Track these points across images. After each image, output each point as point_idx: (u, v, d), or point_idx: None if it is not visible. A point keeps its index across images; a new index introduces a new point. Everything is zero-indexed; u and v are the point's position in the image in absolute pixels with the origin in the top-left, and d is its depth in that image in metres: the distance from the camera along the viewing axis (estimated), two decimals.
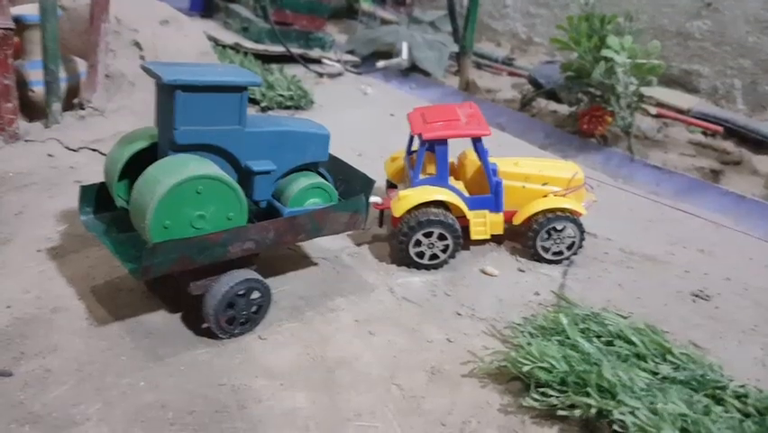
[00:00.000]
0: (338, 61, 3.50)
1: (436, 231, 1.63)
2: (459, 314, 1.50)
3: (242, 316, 1.33)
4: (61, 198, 1.72)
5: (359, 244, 1.75)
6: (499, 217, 1.73)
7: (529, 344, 1.31)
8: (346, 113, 2.77)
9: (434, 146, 1.66)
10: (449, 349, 1.38)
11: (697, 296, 1.67)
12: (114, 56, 2.03)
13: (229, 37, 3.41)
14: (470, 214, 1.70)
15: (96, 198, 1.45)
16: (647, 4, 3.59)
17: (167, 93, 1.28)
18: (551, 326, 1.39)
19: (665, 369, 1.28)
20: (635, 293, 1.66)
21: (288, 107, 2.67)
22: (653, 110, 2.95)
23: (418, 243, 1.64)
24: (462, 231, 1.67)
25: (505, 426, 1.18)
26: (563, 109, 3.12)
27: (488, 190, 1.72)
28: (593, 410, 1.16)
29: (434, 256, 1.66)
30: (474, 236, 1.71)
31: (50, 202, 1.70)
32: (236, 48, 3.21)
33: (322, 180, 1.49)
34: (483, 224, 1.72)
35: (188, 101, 1.26)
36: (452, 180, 1.71)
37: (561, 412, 1.18)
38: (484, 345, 1.39)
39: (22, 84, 1.96)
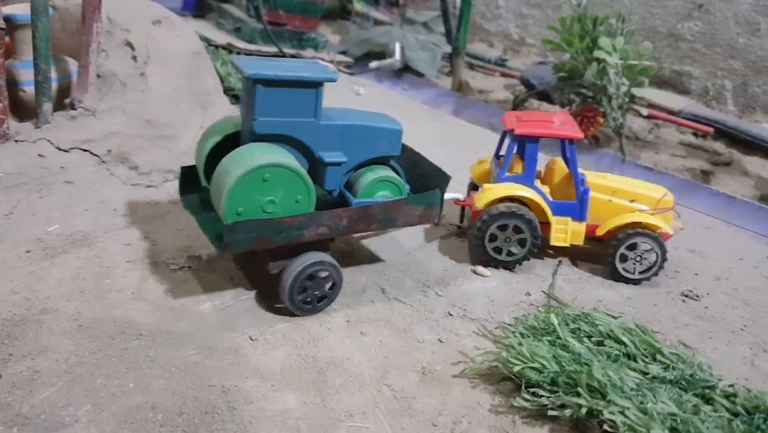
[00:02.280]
0: (331, 62, 3.50)
1: (513, 224, 1.63)
2: (450, 314, 1.50)
3: (315, 295, 1.42)
4: (51, 198, 1.72)
5: (350, 245, 1.75)
6: (581, 227, 1.70)
7: (520, 344, 1.32)
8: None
9: (525, 144, 1.67)
10: (440, 350, 1.38)
11: (687, 296, 1.68)
12: (105, 56, 2.02)
13: (221, 37, 3.40)
14: (552, 218, 1.69)
15: (196, 179, 1.57)
16: (639, 5, 3.61)
17: (249, 86, 1.38)
18: (542, 326, 1.40)
19: (655, 369, 1.29)
20: (626, 293, 1.67)
21: None
22: (645, 111, 2.96)
23: (494, 237, 1.65)
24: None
25: (495, 426, 1.19)
26: (556, 110, 3.13)
27: (573, 199, 1.70)
28: (583, 410, 1.16)
29: (502, 251, 1.67)
30: (554, 242, 1.70)
31: (40, 202, 1.69)
32: (229, 48, 3.20)
33: (392, 174, 1.53)
34: (564, 231, 1.70)
35: (268, 94, 1.37)
36: (537, 183, 1.70)
37: (551, 412, 1.19)
38: (475, 345, 1.40)
39: (13, 84, 1.95)
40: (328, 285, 1.44)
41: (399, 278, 1.62)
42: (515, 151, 1.72)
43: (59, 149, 1.84)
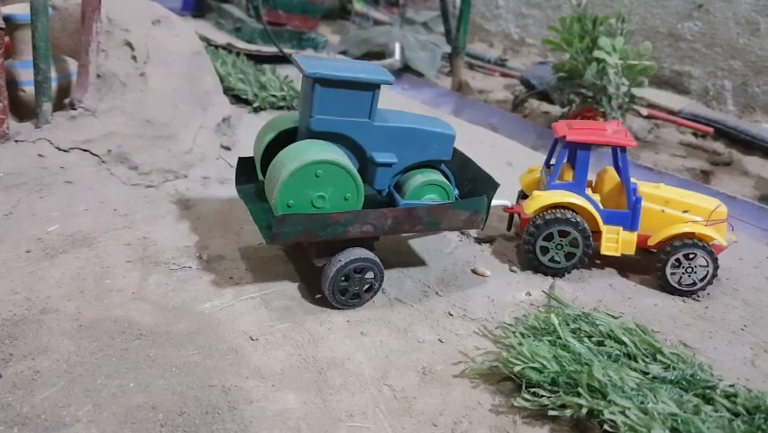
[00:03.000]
0: None
1: (564, 231, 1.63)
2: (450, 314, 1.50)
3: (355, 290, 1.45)
4: (51, 198, 1.71)
5: None
6: (633, 236, 1.68)
7: (520, 344, 1.32)
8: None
9: (576, 151, 1.65)
10: (440, 350, 1.38)
11: (687, 296, 1.68)
12: (105, 56, 2.02)
13: (221, 37, 3.40)
14: (603, 227, 1.67)
15: (251, 170, 1.62)
16: (639, 5, 3.61)
17: (308, 84, 1.43)
18: (542, 326, 1.40)
19: (655, 369, 1.29)
20: (626, 293, 1.67)
21: (280, 107, 2.67)
22: (645, 111, 2.96)
23: (544, 245, 1.64)
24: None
25: (496, 426, 1.19)
26: (555, 110, 3.13)
27: (625, 208, 1.69)
28: (584, 410, 1.16)
29: (553, 259, 1.66)
30: (604, 251, 1.68)
31: (40, 202, 1.69)
32: (228, 48, 3.20)
33: (441, 178, 1.55)
34: (615, 240, 1.68)
35: (325, 93, 1.41)
36: (588, 192, 1.69)
37: (552, 412, 1.19)
38: (476, 345, 1.40)
39: (13, 84, 1.95)
40: (369, 281, 1.47)
41: (399, 278, 1.62)
42: (566, 159, 1.71)
43: (59, 149, 1.83)
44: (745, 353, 1.48)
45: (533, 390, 1.23)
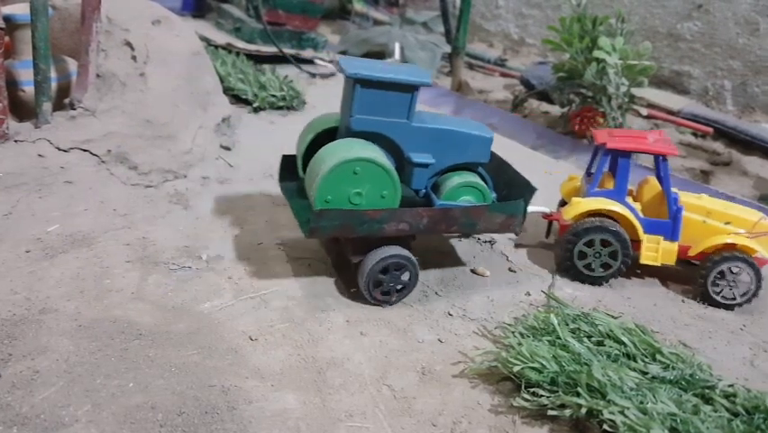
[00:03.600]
0: (330, 62, 3.50)
1: (602, 239, 1.61)
2: (450, 314, 1.50)
3: (389, 287, 1.48)
4: (51, 198, 1.71)
5: None
6: (673, 246, 1.66)
7: (520, 344, 1.32)
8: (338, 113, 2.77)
9: (617, 158, 1.65)
10: (440, 349, 1.38)
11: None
12: (105, 56, 2.02)
13: (221, 37, 3.40)
14: (643, 236, 1.65)
15: (294, 167, 1.67)
16: (639, 5, 3.61)
17: (349, 85, 1.47)
18: (541, 326, 1.40)
19: (655, 369, 1.29)
20: (625, 293, 1.67)
21: (280, 108, 2.67)
22: (644, 111, 2.96)
23: (583, 252, 1.63)
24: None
25: (495, 426, 1.19)
26: (555, 110, 3.13)
27: (665, 218, 1.67)
28: (583, 410, 1.16)
29: (591, 267, 1.64)
30: (644, 260, 1.66)
31: (39, 202, 1.69)
32: (228, 48, 3.20)
33: (477, 180, 1.57)
34: (655, 249, 1.66)
35: (365, 94, 1.45)
36: (629, 200, 1.68)
37: (551, 412, 1.19)
38: (475, 345, 1.40)
39: (13, 84, 1.95)
40: (404, 279, 1.49)
41: None
42: (606, 166, 1.70)
43: (59, 149, 1.83)
44: (744, 353, 1.48)
45: (532, 390, 1.23)
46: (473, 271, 1.69)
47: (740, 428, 1.15)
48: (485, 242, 1.84)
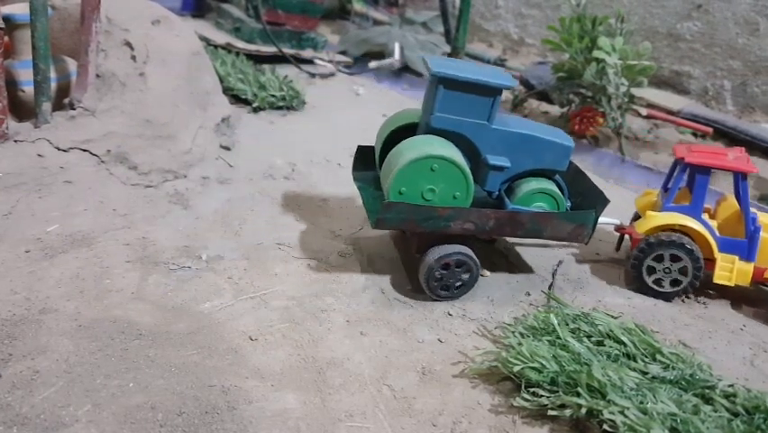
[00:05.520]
0: (330, 62, 3.50)
1: (673, 254, 1.59)
2: (450, 314, 1.50)
3: (449, 283, 1.51)
4: (51, 198, 1.71)
5: (350, 245, 1.75)
6: (749, 267, 1.61)
7: (520, 344, 1.32)
8: (338, 113, 2.77)
9: (695, 174, 1.63)
10: (440, 349, 1.38)
11: (686, 296, 1.68)
12: (104, 56, 2.02)
13: (221, 37, 3.40)
14: (718, 254, 1.61)
15: (371, 158, 1.72)
16: (638, 5, 3.61)
17: (433, 83, 1.49)
18: (541, 326, 1.40)
19: (655, 369, 1.29)
20: (625, 293, 1.67)
21: (279, 108, 2.67)
22: (644, 111, 2.96)
23: (652, 267, 1.61)
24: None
25: (496, 426, 1.19)
26: (555, 110, 3.13)
27: (742, 237, 1.63)
28: (583, 410, 1.16)
29: (660, 282, 1.62)
30: (717, 280, 1.61)
31: (39, 202, 1.69)
32: (228, 48, 3.20)
33: (553, 188, 1.57)
34: (730, 269, 1.61)
35: (448, 93, 1.47)
36: (705, 217, 1.65)
37: (551, 412, 1.19)
38: (475, 345, 1.40)
39: (12, 84, 1.95)
40: (464, 277, 1.51)
41: (399, 278, 1.62)
42: (683, 181, 1.68)
43: (59, 149, 1.83)
44: (745, 352, 1.48)
45: (532, 390, 1.23)
46: None
47: (740, 428, 1.15)
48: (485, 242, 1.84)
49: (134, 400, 1.14)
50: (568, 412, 1.17)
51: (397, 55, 3.61)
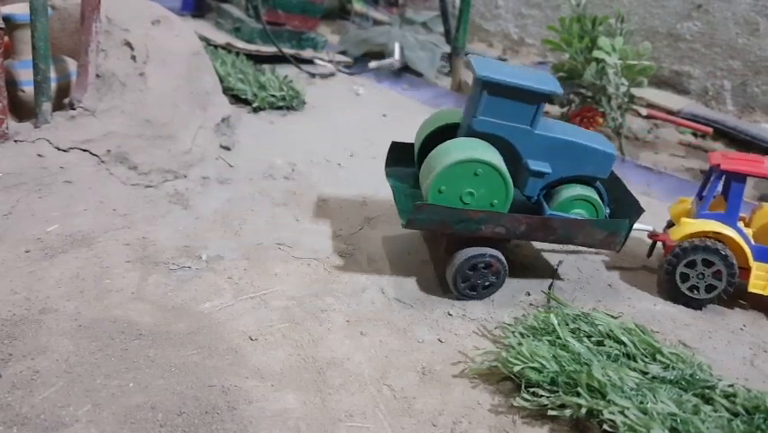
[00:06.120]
0: (330, 62, 3.50)
1: (707, 260, 1.57)
2: (450, 314, 1.50)
3: (476, 283, 1.51)
4: (51, 198, 1.71)
5: (350, 245, 1.74)
6: None
7: (520, 344, 1.32)
8: (338, 113, 2.77)
9: (730, 182, 1.61)
10: (440, 350, 1.38)
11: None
12: (104, 56, 2.02)
13: (221, 37, 3.40)
14: (753, 263, 1.59)
15: (404, 155, 1.72)
16: (638, 5, 3.61)
17: (477, 86, 1.48)
18: (541, 326, 1.40)
19: (655, 369, 1.29)
20: (625, 293, 1.67)
21: (279, 108, 2.67)
22: (644, 111, 2.96)
23: (685, 274, 1.60)
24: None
25: (496, 426, 1.19)
26: (555, 110, 3.13)
27: None
28: (583, 410, 1.16)
29: (694, 289, 1.60)
30: (752, 288, 1.59)
31: (39, 202, 1.69)
32: (228, 48, 3.19)
33: (593, 195, 1.55)
34: (765, 278, 1.59)
35: (492, 97, 1.46)
36: (740, 225, 1.63)
37: (551, 412, 1.19)
38: (475, 345, 1.40)
39: (12, 84, 1.95)
40: (492, 279, 1.52)
41: (399, 278, 1.62)
42: (718, 189, 1.67)
43: (59, 149, 1.83)
44: (745, 352, 1.48)
45: (532, 390, 1.23)
46: None
47: (740, 428, 1.15)
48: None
49: (134, 400, 1.14)
50: (568, 412, 1.17)
51: (397, 55, 3.60)
